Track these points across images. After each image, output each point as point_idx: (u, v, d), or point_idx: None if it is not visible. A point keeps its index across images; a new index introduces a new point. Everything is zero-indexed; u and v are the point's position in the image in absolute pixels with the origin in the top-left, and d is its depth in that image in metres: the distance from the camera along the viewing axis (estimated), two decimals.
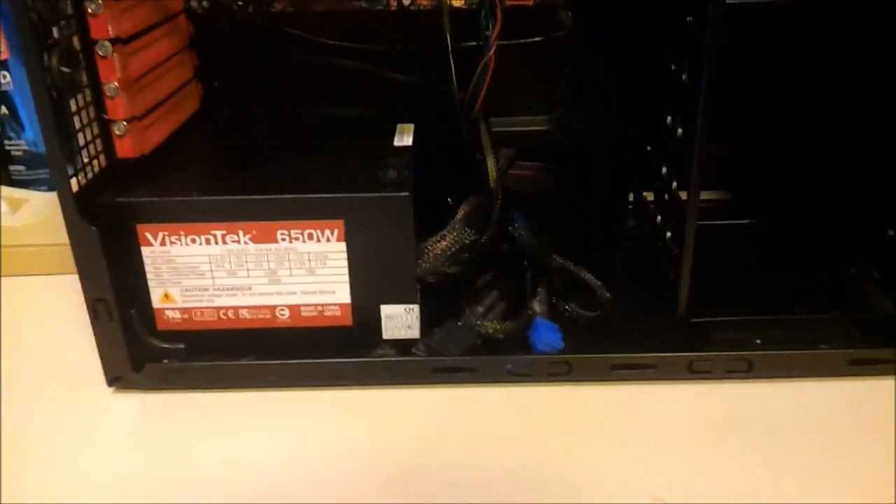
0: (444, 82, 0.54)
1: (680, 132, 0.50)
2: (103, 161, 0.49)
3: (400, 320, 0.50)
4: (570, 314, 0.53)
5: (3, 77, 0.63)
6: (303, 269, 0.49)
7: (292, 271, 0.49)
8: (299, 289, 0.49)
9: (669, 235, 0.52)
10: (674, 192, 0.51)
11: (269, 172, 0.51)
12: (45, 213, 0.64)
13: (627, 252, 0.62)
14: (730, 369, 0.49)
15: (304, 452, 0.45)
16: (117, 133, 0.48)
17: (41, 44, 0.43)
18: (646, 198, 0.60)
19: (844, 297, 0.54)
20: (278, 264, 0.48)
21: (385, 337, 0.51)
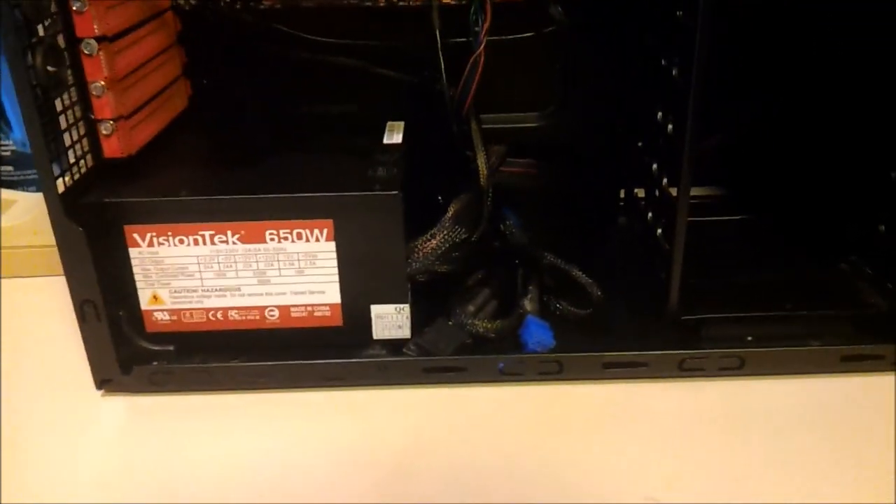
0: (434, 79, 0.53)
1: (670, 128, 0.50)
2: (90, 161, 0.48)
3: (390, 320, 0.50)
4: (561, 312, 0.53)
5: None
6: (292, 270, 0.48)
7: (281, 271, 0.48)
8: (289, 289, 0.49)
9: (660, 232, 0.52)
10: (664, 189, 0.51)
11: (257, 171, 0.51)
12: (33, 214, 0.64)
13: (619, 249, 0.62)
14: (721, 366, 0.49)
15: (294, 454, 0.45)
16: (104, 132, 0.47)
17: (25, 42, 0.42)
18: (637, 194, 0.60)
19: (836, 294, 0.54)
20: (267, 264, 0.48)
21: (376, 337, 0.50)
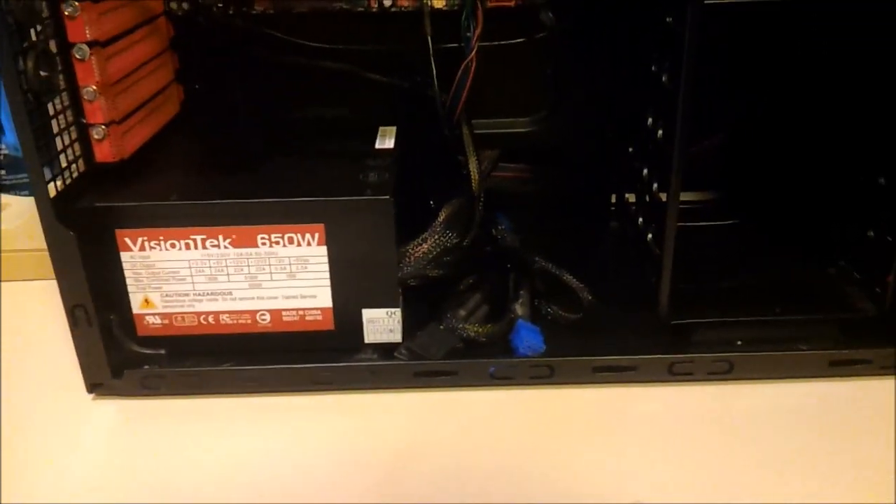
0: (426, 84, 0.54)
1: (660, 134, 0.50)
2: (82, 165, 0.48)
3: (382, 324, 0.50)
4: (552, 316, 0.54)
5: None
6: (284, 274, 0.48)
7: (273, 276, 0.48)
8: (280, 293, 0.49)
9: (650, 237, 0.52)
10: (654, 194, 0.51)
11: (249, 176, 0.51)
12: (25, 218, 0.64)
13: (610, 254, 0.62)
14: (711, 370, 0.50)
15: (286, 458, 0.45)
16: (96, 137, 0.48)
17: (17, 47, 0.42)
18: (628, 199, 0.60)
19: (825, 298, 0.54)
20: (259, 269, 0.48)
21: (367, 341, 0.50)
